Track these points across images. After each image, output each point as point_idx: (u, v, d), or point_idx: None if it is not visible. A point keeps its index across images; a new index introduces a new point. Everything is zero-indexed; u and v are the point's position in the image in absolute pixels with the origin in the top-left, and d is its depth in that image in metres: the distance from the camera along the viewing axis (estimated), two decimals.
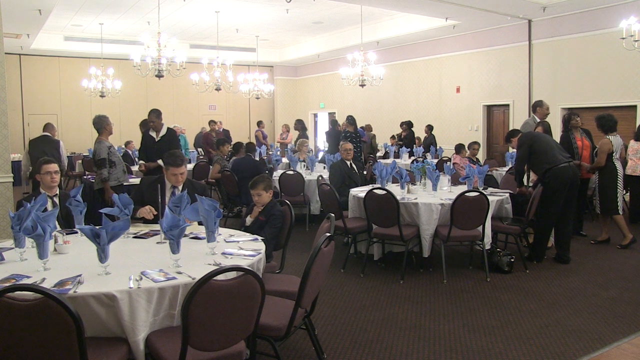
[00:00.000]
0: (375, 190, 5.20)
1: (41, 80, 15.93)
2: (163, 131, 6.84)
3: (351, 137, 9.69)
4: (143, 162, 6.86)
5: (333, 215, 3.48)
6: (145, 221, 4.06)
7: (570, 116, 6.84)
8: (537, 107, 7.13)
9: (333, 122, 12.01)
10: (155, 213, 3.94)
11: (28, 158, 8.63)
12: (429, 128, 12.98)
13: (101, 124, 6.19)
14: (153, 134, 6.83)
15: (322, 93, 19.02)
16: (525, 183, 6.18)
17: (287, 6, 11.27)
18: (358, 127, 10.95)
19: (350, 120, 10.06)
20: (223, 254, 3.08)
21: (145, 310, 2.45)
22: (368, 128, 13.40)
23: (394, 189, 5.72)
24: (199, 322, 2.31)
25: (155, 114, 6.85)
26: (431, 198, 5.40)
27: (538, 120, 6.91)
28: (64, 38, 14.76)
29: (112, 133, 6.43)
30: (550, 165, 5.47)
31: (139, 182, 4.67)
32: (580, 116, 6.93)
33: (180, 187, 4.23)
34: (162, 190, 4.10)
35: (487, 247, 5.22)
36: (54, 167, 4.24)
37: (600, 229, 6.65)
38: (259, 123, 14.93)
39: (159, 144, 6.70)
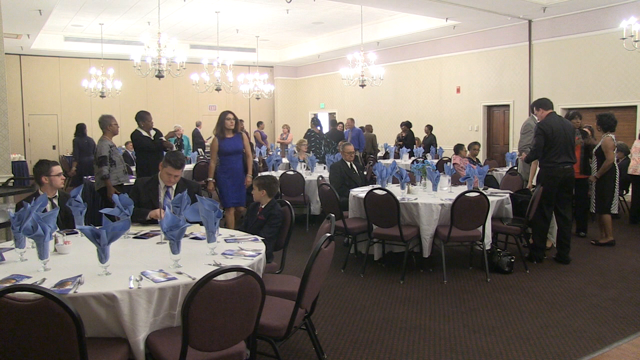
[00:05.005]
0: (375, 191, 5.20)
1: (41, 80, 15.93)
2: (152, 130, 6.88)
3: (315, 137, 10.58)
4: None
5: (333, 215, 3.48)
6: (144, 222, 4.05)
7: (574, 116, 6.93)
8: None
9: (333, 122, 12.13)
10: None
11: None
12: (429, 128, 12.98)
13: (104, 123, 6.32)
14: (146, 134, 6.82)
15: (322, 93, 19.02)
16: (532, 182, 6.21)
17: (287, 6, 11.27)
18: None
19: (316, 121, 11.04)
20: (223, 254, 3.08)
21: (145, 311, 2.45)
22: (368, 128, 13.41)
23: (394, 189, 5.72)
24: (199, 323, 2.31)
25: (149, 114, 6.87)
26: (431, 198, 5.40)
27: (538, 120, 6.88)
28: (64, 38, 14.77)
29: (117, 133, 6.46)
30: (550, 164, 5.52)
31: (134, 183, 4.68)
32: (582, 118, 6.95)
33: (173, 187, 4.26)
34: (158, 190, 4.19)
35: (487, 247, 5.22)
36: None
37: (598, 229, 6.63)
38: (259, 124, 14.95)
39: (155, 143, 6.74)
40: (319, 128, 10.97)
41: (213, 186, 6.30)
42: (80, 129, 10.38)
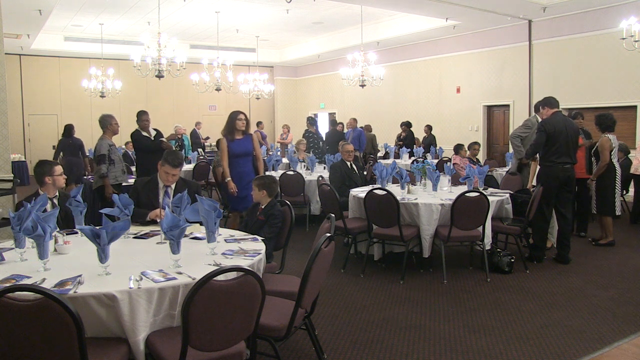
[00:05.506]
0: (375, 191, 5.20)
1: (41, 80, 15.94)
2: (152, 130, 6.87)
3: (313, 136, 10.77)
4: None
5: (333, 215, 3.48)
6: (144, 223, 4.05)
7: (576, 116, 6.98)
8: (546, 107, 7.10)
9: (332, 122, 12.14)
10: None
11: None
12: (429, 128, 12.99)
13: (104, 123, 6.34)
14: (146, 134, 6.82)
15: (322, 93, 19.02)
16: (532, 182, 6.21)
17: (287, 6, 11.28)
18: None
19: (312, 121, 11.29)
20: (223, 254, 3.08)
21: (145, 311, 2.45)
22: (368, 128, 13.40)
23: (394, 189, 5.72)
24: (199, 323, 2.31)
25: (145, 113, 6.86)
26: (431, 198, 5.40)
27: (540, 120, 6.88)
28: (64, 38, 14.77)
29: (117, 133, 6.47)
30: (550, 163, 5.53)
31: (133, 183, 4.68)
32: (584, 118, 6.97)
33: (172, 187, 4.26)
34: (157, 190, 4.21)
35: (487, 247, 5.22)
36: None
37: (599, 229, 6.63)
38: (258, 124, 14.96)
39: (155, 143, 6.74)
40: (315, 128, 11.04)
41: (234, 185, 5.69)
42: (68, 129, 10.35)
